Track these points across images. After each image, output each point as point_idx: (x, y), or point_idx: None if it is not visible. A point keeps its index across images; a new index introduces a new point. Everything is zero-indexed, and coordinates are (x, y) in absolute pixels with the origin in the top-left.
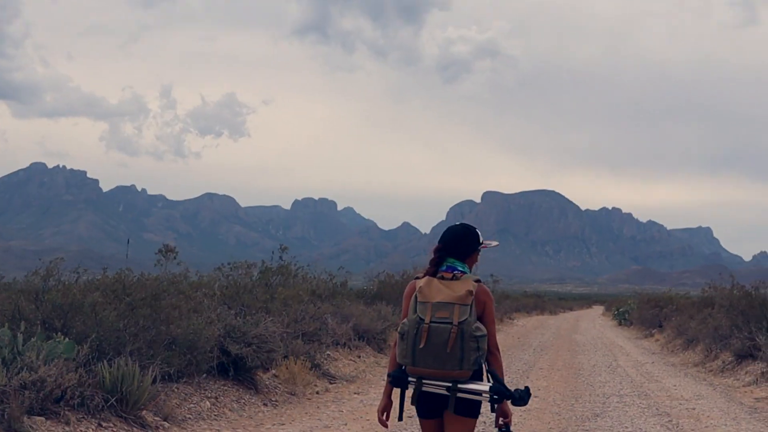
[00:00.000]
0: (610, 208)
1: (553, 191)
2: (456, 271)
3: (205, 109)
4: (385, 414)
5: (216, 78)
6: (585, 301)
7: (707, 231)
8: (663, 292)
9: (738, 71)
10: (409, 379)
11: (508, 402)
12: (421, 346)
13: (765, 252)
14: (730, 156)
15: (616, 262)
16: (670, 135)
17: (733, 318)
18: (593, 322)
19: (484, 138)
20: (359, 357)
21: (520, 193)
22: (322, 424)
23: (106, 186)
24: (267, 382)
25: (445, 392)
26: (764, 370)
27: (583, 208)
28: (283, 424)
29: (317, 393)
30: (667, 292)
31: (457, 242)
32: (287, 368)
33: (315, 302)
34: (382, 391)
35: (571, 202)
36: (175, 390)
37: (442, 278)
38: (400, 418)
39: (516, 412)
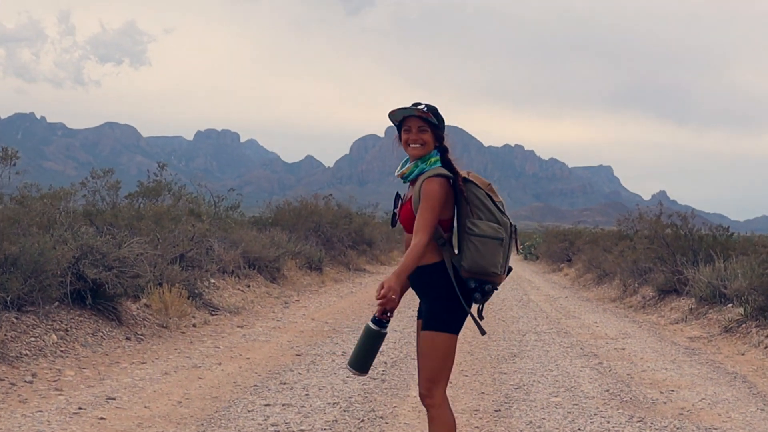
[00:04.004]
0: (512, 144)
1: (456, 127)
2: None
3: (105, 36)
4: None
5: (115, 4)
6: None
7: (608, 170)
8: (570, 227)
9: (637, 6)
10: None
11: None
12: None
13: (664, 191)
14: (631, 93)
15: (517, 199)
16: (573, 72)
17: (656, 250)
18: None
19: (387, 72)
20: (248, 287)
21: None
22: (190, 363)
23: (4, 113)
24: (134, 313)
25: None
26: (692, 306)
27: (486, 144)
28: (143, 363)
29: (194, 326)
30: (575, 227)
31: None
32: (160, 297)
33: (193, 223)
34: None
35: (474, 138)
36: (13, 320)
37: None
38: (483, 332)
39: None
